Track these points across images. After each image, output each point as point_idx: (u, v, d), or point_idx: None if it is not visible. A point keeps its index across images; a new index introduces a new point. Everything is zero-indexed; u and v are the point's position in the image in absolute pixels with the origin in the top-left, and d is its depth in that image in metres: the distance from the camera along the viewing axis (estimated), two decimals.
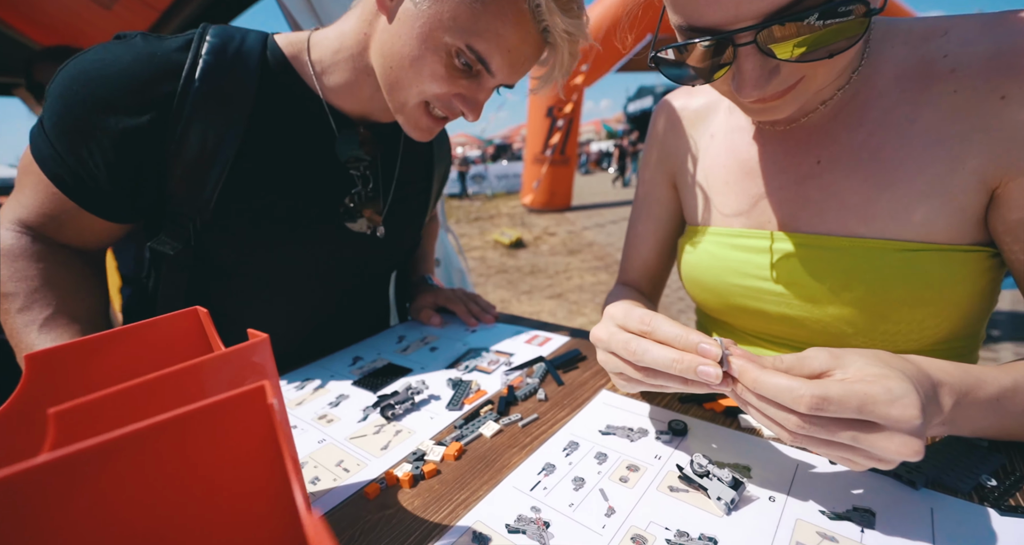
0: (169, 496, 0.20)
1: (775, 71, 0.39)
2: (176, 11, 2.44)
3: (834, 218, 0.49)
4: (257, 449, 0.22)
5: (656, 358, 0.37)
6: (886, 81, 0.46)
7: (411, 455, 0.47)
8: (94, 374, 0.32)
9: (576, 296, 3.92)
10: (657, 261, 0.74)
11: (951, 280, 0.45)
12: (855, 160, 0.48)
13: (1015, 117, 0.40)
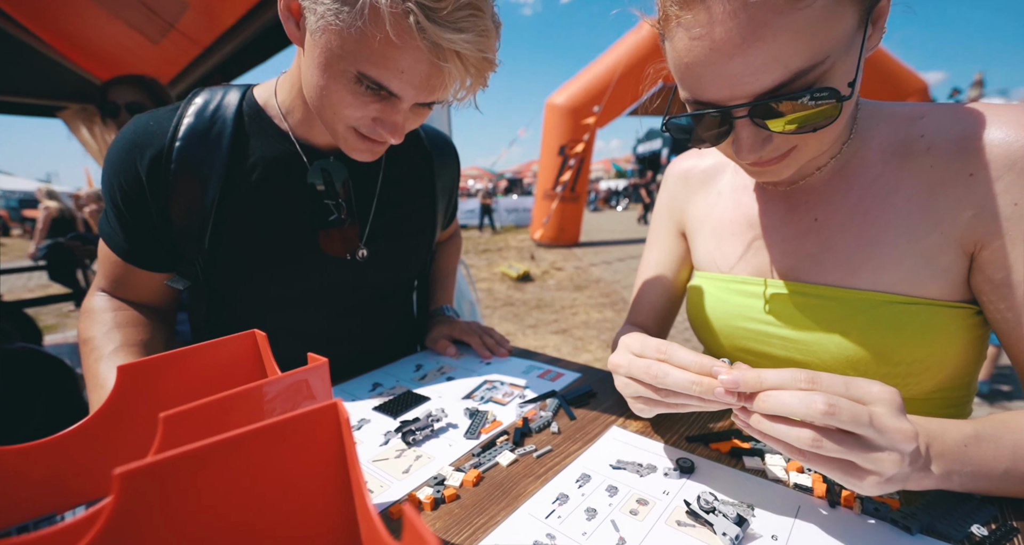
0: (255, 496, 0.24)
1: (768, 140, 0.45)
2: (218, 47, 2.62)
3: (831, 270, 0.54)
4: (328, 460, 0.26)
5: (677, 381, 0.41)
6: (873, 154, 0.53)
7: (432, 479, 0.49)
8: (169, 385, 0.36)
9: (581, 332, 3.92)
10: (664, 305, 0.79)
11: (939, 332, 0.49)
12: (848, 220, 0.53)
13: (982, 191, 0.45)
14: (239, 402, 0.29)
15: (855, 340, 0.52)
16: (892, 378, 0.52)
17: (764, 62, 0.39)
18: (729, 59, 0.40)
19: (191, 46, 2.67)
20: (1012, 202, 0.44)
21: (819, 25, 0.38)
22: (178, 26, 2.47)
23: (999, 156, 0.44)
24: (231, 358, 0.40)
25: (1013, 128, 0.44)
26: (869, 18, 0.41)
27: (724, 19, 0.38)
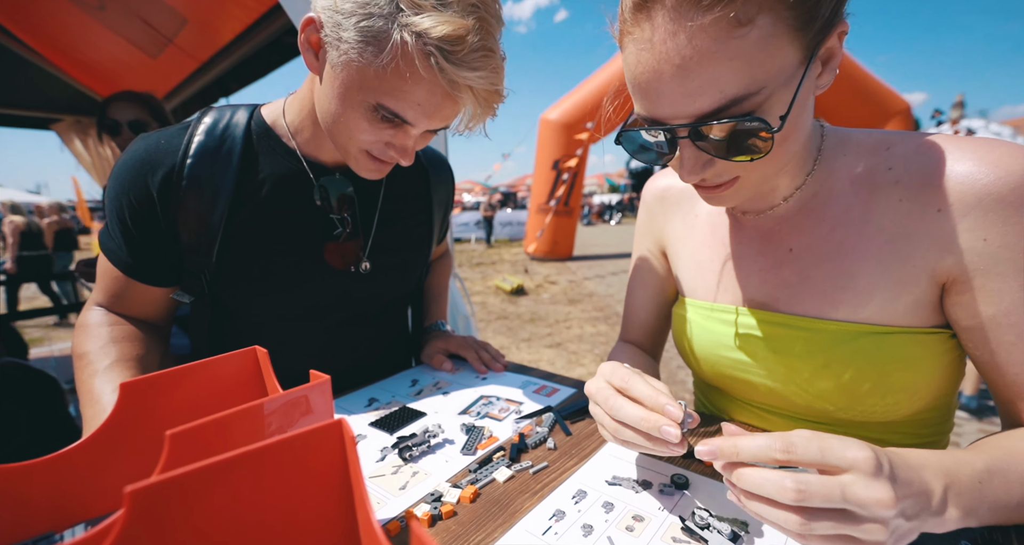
0: (261, 513, 0.24)
1: (710, 163, 0.46)
2: (215, 63, 2.64)
3: (808, 301, 0.55)
4: (332, 477, 0.26)
5: (628, 414, 0.43)
6: (842, 184, 0.53)
7: (429, 496, 0.49)
8: (170, 402, 0.36)
9: (575, 346, 3.92)
10: (655, 323, 0.80)
11: (915, 359, 0.50)
12: (822, 251, 0.54)
13: (950, 227, 0.46)
14: (243, 419, 0.29)
15: (835, 372, 0.52)
16: (874, 405, 0.53)
17: (700, 85, 0.40)
18: (669, 78, 0.41)
19: (189, 61, 2.69)
20: (981, 238, 0.45)
21: (754, 55, 0.38)
22: (176, 41, 2.50)
23: (965, 193, 0.45)
24: (232, 375, 0.40)
25: (976, 164, 0.45)
26: (814, 56, 0.41)
27: (665, 38, 0.39)
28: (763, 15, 0.37)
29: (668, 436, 0.41)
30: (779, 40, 0.39)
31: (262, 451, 0.23)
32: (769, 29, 0.38)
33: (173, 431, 0.26)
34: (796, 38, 0.39)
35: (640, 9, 0.41)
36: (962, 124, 3.33)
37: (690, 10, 0.38)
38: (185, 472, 0.21)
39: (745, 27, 0.37)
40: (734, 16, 0.37)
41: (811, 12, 0.39)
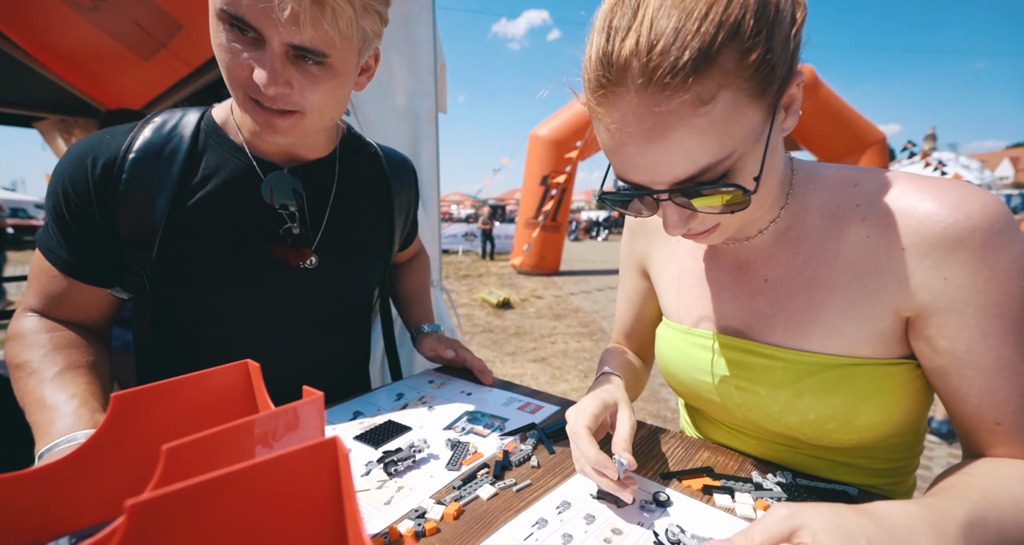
0: (256, 528, 0.25)
1: (692, 216, 0.48)
2: (208, 68, 2.64)
3: (781, 332, 0.57)
4: (326, 493, 0.27)
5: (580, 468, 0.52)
6: (813, 218, 0.55)
7: (413, 512, 0.50)
8: (161, 414, 0.36)
9: (560, 362, 3.93)
10: (641, 334, 0.84)
11: (882, 389, 0.52)
12: (795, 284, 0.56)
13: (913, 265, 0.48)
14: (237, 435, 0.30)
15: (807, 401, 0.54)
16: (843, 434, 0.55)
17: (673, 157, 0.42)
18: (642, 154, 0.43)
19: (181, 66, 2.68)
20: (942, 277, 0.47)
21: (721, 126, 0.40)
22: (170, 46, 2.49)
23: (927, 233, 0.47)
24: (222, 388, 0.41)
25: (939, 205, 0.47)
26: (776, 109, 0.44)
27: (634, 121, 0.41)
28: (724, 91, 0.39)
29: (614, 491, 0.49)
30: (742, 109, 0.41)
31: (260, 467, 0.24)
32: (731, 102, 0.40)
33: (169, 445, 0.26)
34: (758, 102, 0.42)
35: (605, 91, 0.42)
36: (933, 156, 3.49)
37: (654, 97, 0.40)
38: (185, 487, 0.22)
39: (709, 105, 0.39)
40: (697, 97, 0.39)
41: (768, 77, 0.41)
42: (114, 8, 2.17)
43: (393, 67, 1.47)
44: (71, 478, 0.33)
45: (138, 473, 0.36)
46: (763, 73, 0.40)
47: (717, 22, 0.38)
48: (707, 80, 0.39)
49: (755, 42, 0.39)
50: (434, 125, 1.59)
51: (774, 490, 0.54)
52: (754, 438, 0.64)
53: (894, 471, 0.62)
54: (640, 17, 0.39)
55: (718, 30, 0.38)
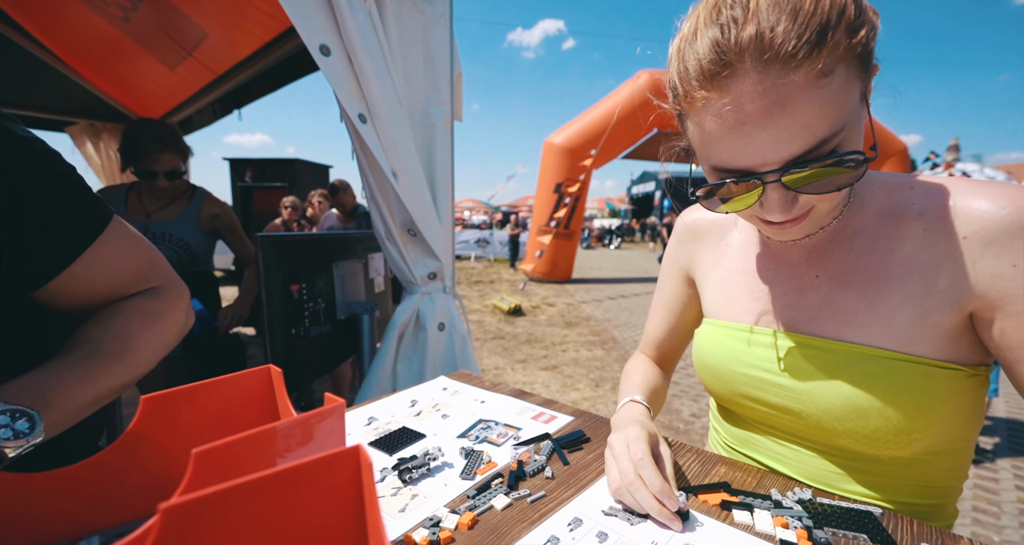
0: (281, 534, 0.25)
1: (795, 200, 0.49)
2: (231, 75, 2.71)
3: (829, 324, 0.57)
4: (349, 501, 0.27)
5: (643, 499, 0.50)
6: (870, 218, 0.57)
7: (427, 520, 0.50)
8: (188, 417, 0.37)
9: (571, 370, 3.91)
10: (671, 344, 0.84)
11: (928, 391, 0.51)
12: (847, 278, 0.57)
13: (977, 254, 0.49)
14: (262, 440, 0.30)
15: (845, 392, 0.54)
16: (878, 434, 0.53)
17: (794, 132, 0.44)
18: (761, 131, 0.44)
19: (206, 73, 2.76)
20: (1010, 264, 0.47)
21: (838, 98, 0.43)
22: (195, 54, 2.56)
23: (988, 222, 0.48)
24: (245, 392, 0.41)
25: (993, 200, 0.49)
26: (864, 93, 0.47)
27: (754, 98, 0.43)
28: (840, 64, 0.43)
29: (671, 523, 0.49)
30: (852, 83, 0.44)
31: (288, 473, 0.25)
32: (845, 75, 0.43)
33: (199, 450, 0.27)
34: (861, 78, 0.45)
35: (715, 78, 0.44)
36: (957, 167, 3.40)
37: (780, 69, 0.42)
38: (218, 490, 0.22)
39: (828, 77, 0.42)
40: (820, 69, 0.42)
41: (868, 58, 0.45)
42: (144, 18, 2.24)
43: (410, 75, 1.49)
44: (102, 477, 0.34)
45: (166, 473, 0.36)
46: (867, 50, 0.44)
47: (829, 4, 0.42)
48: (827, 54, 0.42)
49: (860, 22, 0.43)
50: (449, 133, 1.61)
51: (794, 508, 0.53)
52: (788, 442, 0.63)
53: (937, 492, 0.59)
54: (751, 8, 0.43)
55: (830, 10, 0.42)
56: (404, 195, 1.44)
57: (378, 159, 1.36)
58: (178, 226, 1.74)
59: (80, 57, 2.95)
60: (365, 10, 1.26)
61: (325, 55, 1.24)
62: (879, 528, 0.49)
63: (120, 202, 1.74)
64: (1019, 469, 2.40)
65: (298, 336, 1.47)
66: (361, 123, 1.32)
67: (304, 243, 1.57)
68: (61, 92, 3.21)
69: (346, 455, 0.27)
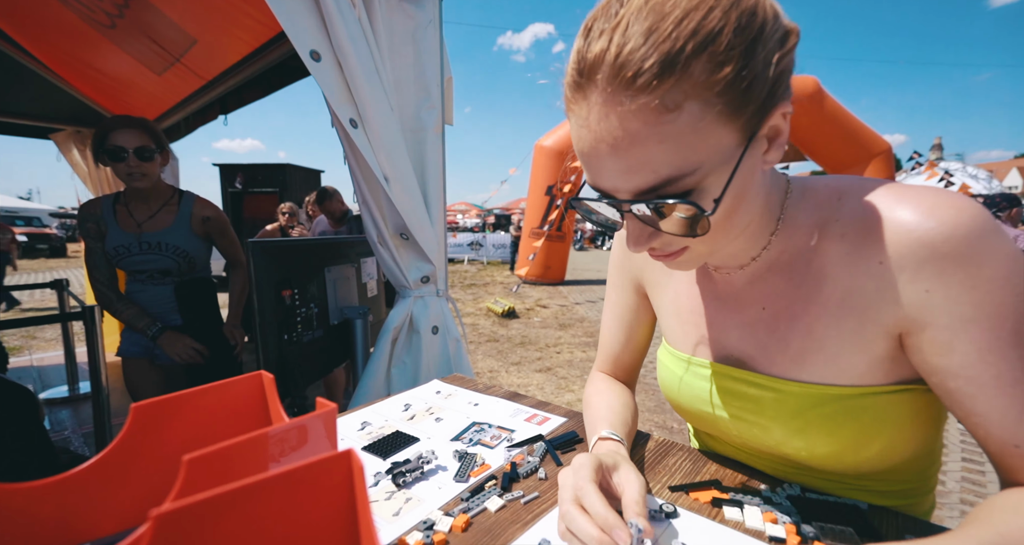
0: (271, 540, 0.26)
1: (655, 235, 0.46)
2: (220, 81, 2.69)
3: (780, 362, 0.54)
4: (340, 505, 0.28)
5: (579, 528, 0.44)
6: (803, 239, 0.52)
7: (421, 524, 0.50)
8: (179, 424, 0.37)
9: (565, 371, 3.91)
10: (631, 357, 0.78)
11: (891, 419, 0.50)
12: (791, 312, 0.53)
13: (892, 279, 0.46)
14: (254, 446, 0.30)
15: (814, 435, 0.52)
16: (854, 462, 0.52)
17: (633, 165, 0.40)
18: (605, 156, 0.41)
19: (194, 79, 2.74)
20: (923, 290, 0.44)
21: (685, 139, 0.38)
22: (183, 60, 2.55)
23: (902, 243, 0.44)
24: (237, 398, 0.42)
25: (911, 213, 0.44)
26: (754, 136, 0.41)
27: (600, 119, 0.40)
28: (691, 102, 0.37)
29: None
30: (710, 124, 0.39)
31: (279, 478, 0.25)
32: (698, 114, 0.38)
33: (190, 456, 0.27)
34: (730, 121, 0.39)
35: (577, 89, 0.41)
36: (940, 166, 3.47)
37: (620, 95, 0.38)
38: (209, 497, 0.23)
39: (673, 113, 0.37)
40: (660, 103, 0.37)
41: (743, 97, 0.38)
42: (130, 25, 2.22)
43: (401, 80, 1.50)
44: (90, 487, 0.34)
45: (156, 482, 0.36)
46: (736, 91, 0.38)
47: (691, 29, 0.36)
48: (673, 87, 0.37)
49: (730, 56, 0.37)
50: (440, 137, 1.61)
51: (784, 504, 0.54)
52: (763, 459, 0.63)
53: (909, 492, 0.60)
54: (617, 19, 0.38)
55: (691, 37, 0.36)
56: (396, 199, 1.44)
57: (370, 164, 1.36)
58: (172, 234, 1.70)
59: (65, 63, 2.92)
60: (354, 15, 1.26)
61: (316, 60, 1.25)
62: (865, 521, 0.50)
63: (108, 215, 1.66)
64: None
65: (291, 342, 1.46)
66: (352, 128, 1.32)
67: (296, 248, 1.56)
68: (46, 98, 3.18)
69: (337, 460, 0.28)
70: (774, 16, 0.40)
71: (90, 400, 1.71)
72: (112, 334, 3.66)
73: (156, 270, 1.71)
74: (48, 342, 4.71)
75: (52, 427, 2.61)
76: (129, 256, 1.66)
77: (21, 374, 3.49)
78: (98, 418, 1.69)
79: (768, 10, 0.39)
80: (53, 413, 2.79)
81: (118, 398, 1.87)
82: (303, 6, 1.20)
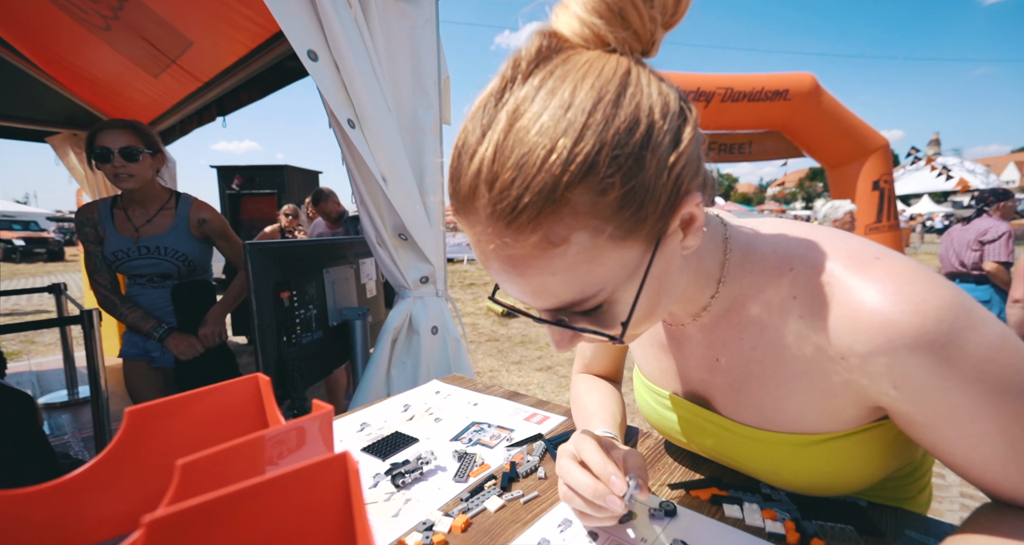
0: (269, 541, 0.25)
1: (577, 336, 0.44)
2: (216, 83, 2.69)
3: (743, 411, 0.52)
4: (336, 508, 0.27)
5: (575, 479, 0.45)
6: (752, 305, 0.48)
7: (421, 525, 0.50)
8: (174, 428, 0.37)
9: (566, 370, 3.91)
10: (613, 363, 0.77)
11: (872, 454, 0.48)
12: (747, 371, 0.50)
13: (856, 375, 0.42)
14: (249, 449, 0.30)
15: (788, 472, 0.50)
16: (836, 488, 0.51)
17: (534, 290, 0.38)
18: (505, 281, 0.39)
19: (190, 81, 2.73)
20: (891, 386, 0.40)
21: (579, 268, 0.36)
22: (179, 62, 2.54)
23: (870, 336, 0.39)
24: (233, 401, 0.41)
25: (881, 296, 0.39)
26: (661, 239, 0.38)
27: (487, 241, 0.36)
28: (577, 233, 0.34)
29: (612, 506, 0.43)
30: (603, 249, 0.36)
31: (273, 482, 0.25)
32: (588, 243, 0.35)
33: (184, 461, 0.27)
34: (626, 240, 0.36)
35: (459, 210, 0.38)
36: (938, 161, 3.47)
37: (502, 231, 0.35)
38: (202, 502, 0.22)
39: (560, 246, 0.35)
40: (544, 238, 0.34)
41: (636, 215, 0.35)
42: (126, 27, 2.22)
43: (398, 80, 1.49)
44: (85, 493, 0.33)
45: (151, 487, 0.36)
46: (629, 212, 0.34)
47: (564, 159, 0.32)
48: (555, 222, 0.34)
49: (611, 181, 0.33)
50: (438, 137, 1.61)
51: (783, 501, 0.54)
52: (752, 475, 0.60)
53: (898, 500, 0.59)
54: (488, 140, 0.34)
55: (565, 168, 0.32)
56: (394, 200, 1.44)
57: (368, 164, 1.36)
58: (170, 238, 1.69)
59: (60, 66, 2.91)
60: (350, 15, 1.26)
61: (313, 60, 1.24)
62: (866, 518, 0.50)
63: (106, 219, 1.66)
64: None
65: (290, 343, 1.46)
66: (350, 128, 1.32)
67: (294, 250, 1.56)
68: (41, 102, 3.17)
69: (333, 462, 0.27)
70: (662, 115, 0.35)
71: (89, 404, 1.71)
72: (111, 338, 3.66)
73: (156, 274, 1.71)
74: (47, 347, 4.70)
75: (51, 432, 2.61)
76: (128, 260, 1.66)
77: (20, 379, 3.48)
78: (97, 422, 1.68)
79: (653, 111, 0.35)
80: (52, 418, 2.78)
81: (117, 402, 1.87)
82: (300, 6, 1.20)
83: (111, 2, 2.03)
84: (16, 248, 16.60)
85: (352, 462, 0.28)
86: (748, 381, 0.50)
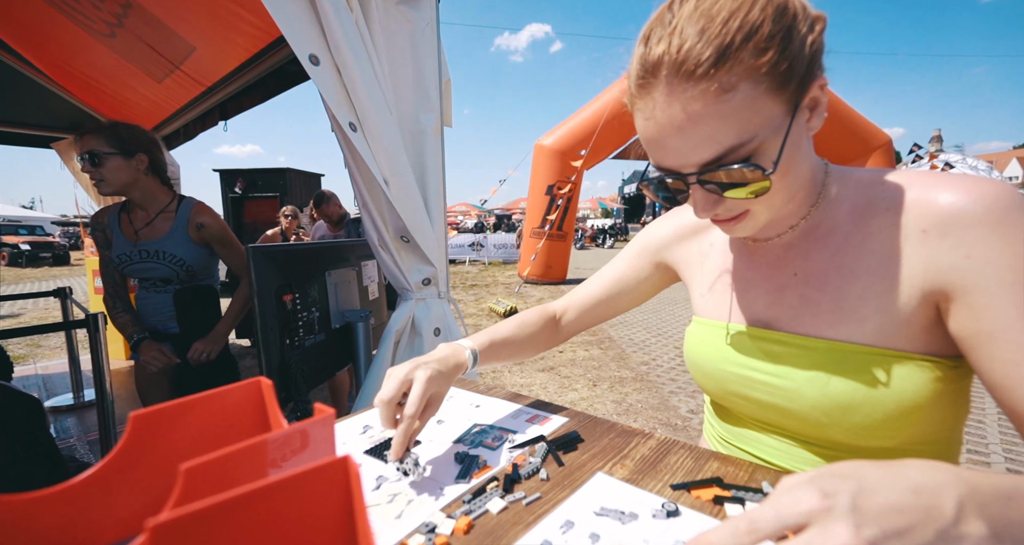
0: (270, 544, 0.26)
1: (719, 202, 0.53)
2: (219, 87, 2.70)
3: (808, 322, 0.59)
4: (339, 511, 0.28)
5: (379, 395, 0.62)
6: (843, 215, 0.58)
7: (423, 526, 0.50)
8: (178, 433, 0.37)
9: (568, 370, 3.91)
10: (592, 314, 0.86)
11: (904, 383, 0.52)
12: (824, 275, 0.58)
13: (935, 246, 0.50)
14: (252, 453, 0.30)
15: (828, 388, 0.56)
16: (864, 426, 0.55)
17: (699, 140, 0.48)
18: (671, 138, 0.49)
19: (193, 86, 2.75)
20: (964, 255, 0.48)
21: (742, 112, 0.46)
22: (183, 67, 2.56)
23: (946, 214, 0.49)
24: (236, 405, 0.42)
25: (954, 189, 0.50)
26: (798, 106, 0.48)
27: (664, 107, 0.48)
28: (744, 82, 0.45)
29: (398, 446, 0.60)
30: (761, 99, 0.46)
31: (276, 486, 0.25)
32: (751, 92, 0.46)
33: (188, 465, 0.27)
34: (777, 95, 0.47)
35: (642, 86, 0.49)
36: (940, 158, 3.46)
37: (683, 85, 0.46)
38: (206, 506, 0.23)
39: (730, 93, 0.45)
40: (718, 86, 0.45)
41: (786, 74, 0.46)
42: (130, 34, 2.24)
43: (399, 83, 1.50)
44: (90, 497, 0.34)
45: (155, 491, 0.36)
46: (779, 71, 0.46)
47: (737, 25, 0.45)
48: (727, 72, 0.45)
49: (770, 43, 0.45)
50: (439, 139, 1.61)
51: None
52: (779, 435, 0.65)
53: None
54: (672, 26, 0.47)
55: (737, 31, 0.44)
56: (396, 202, 1.44)
57: (369, 167, 1.37)
58: (168, 242, 1.69)
59: (65, 73, 2.94)
60: (351, 19, 1.26)
61: (315, 64, 1.25)
62: None
63: (114, 223, 1.69)
64: (1010, 453, 2.43)
65: (293, 346, 1.47)
66: (352, 132, 1.33)
67: (296, 253, 1.57)
68: (47, 108, 3.20)
69: (334, 465, 0.28)
70: (803, 7, 0.48)
71: (95, 407, 1.72)
72: (117, 341, 3.68)
73: (158, 278, 1.71)
74: (52, 350, 4.73)
75: (57, 435, 2.63)
76: (130, 264, 1.67)
77: (26, 382, 3.51)
78: (103, 425, 1.69)
79: (797, 4, 0.48)
80: (58, 421, 2.80)
81: (123, 404, 1.88)
82: (301, 10, 1.21)
83: (116, 9, 2.04)
84: (22, 252, 16.72)
85: (353, 465, 0.28)
86: (821, 286, 0.58)
